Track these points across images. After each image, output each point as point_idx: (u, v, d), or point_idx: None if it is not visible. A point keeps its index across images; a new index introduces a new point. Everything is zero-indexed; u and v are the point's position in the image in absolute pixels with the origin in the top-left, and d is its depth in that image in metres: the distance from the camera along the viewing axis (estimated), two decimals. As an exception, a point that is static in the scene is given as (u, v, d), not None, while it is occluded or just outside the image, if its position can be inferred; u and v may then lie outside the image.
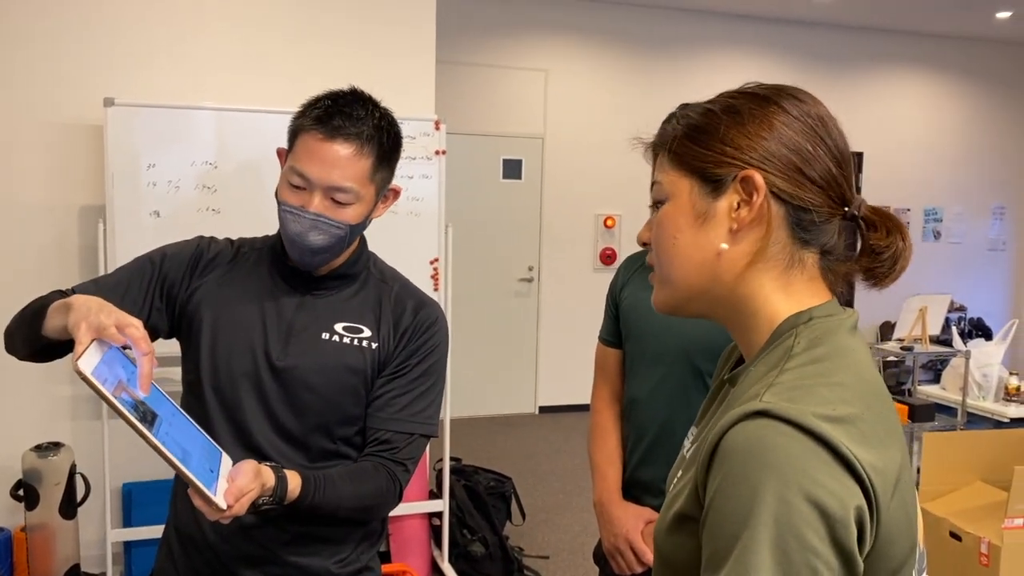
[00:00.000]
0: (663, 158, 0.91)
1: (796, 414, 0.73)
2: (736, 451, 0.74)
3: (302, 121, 1.37)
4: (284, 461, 1.39)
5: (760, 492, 0.71)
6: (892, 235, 0.86)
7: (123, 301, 1.33)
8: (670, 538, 0.84)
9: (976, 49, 7.92)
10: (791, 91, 0.88)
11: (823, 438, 0.73)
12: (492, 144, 6.54)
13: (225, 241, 1.53)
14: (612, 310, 1.89)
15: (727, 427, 0.76)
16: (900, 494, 0.77)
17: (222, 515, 1.14)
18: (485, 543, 3.74)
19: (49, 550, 3.13)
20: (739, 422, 0.76)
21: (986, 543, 2.76)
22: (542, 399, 6.80)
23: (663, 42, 6.89)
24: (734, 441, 0.75)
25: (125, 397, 1.06)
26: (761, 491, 0.71)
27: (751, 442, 0.74)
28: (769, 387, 0.78)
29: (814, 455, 0.72)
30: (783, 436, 0.73)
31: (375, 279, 1.50)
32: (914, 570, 0.82)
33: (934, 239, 7.95)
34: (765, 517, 0.71)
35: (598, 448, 1.86)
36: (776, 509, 0.70)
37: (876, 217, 0.87)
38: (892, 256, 0.86)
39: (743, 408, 0.76)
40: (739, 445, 0.74)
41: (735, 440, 0.75)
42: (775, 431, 0.73)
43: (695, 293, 0.89)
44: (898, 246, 0.86)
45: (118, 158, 3.12)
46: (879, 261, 0.86)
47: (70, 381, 3.41)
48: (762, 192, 0.83)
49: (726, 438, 0.76)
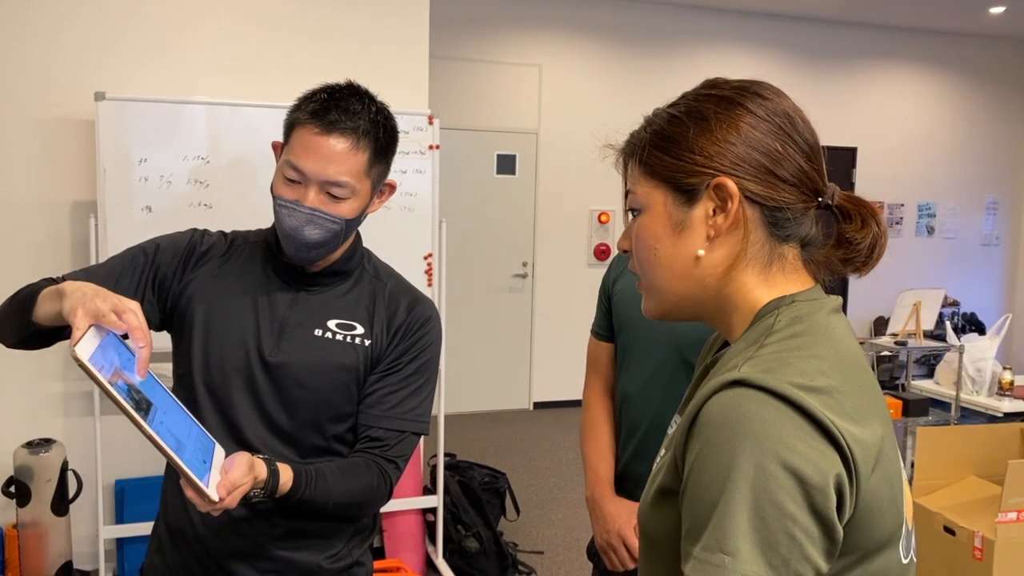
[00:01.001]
0: (634, 167, 0.91)
1: (773, 382, 0.74)
2: (713, 421, 0.75)
3: (298, 115, 1.36)
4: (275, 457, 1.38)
5: (737, 460, 0.72)
6: (867, 225, 0.86)
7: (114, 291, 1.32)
8: (653, 514, 0.85)
9: (970, 45, 7.93)
10: (755, 89, 0.88)
11: (800, 405, 0.73)
12: (486, 139, 6.53)
13: (218, 234, 1.52)
14: (604, 304, 1.88)
15: (705, 398, 0.77)
16: (883, 468, 0.77)
17: (213, 507, 1.13)
18: (479, 538, 3.74)
19: (41, 547, 3.12)
20: (716, 392, 0.76)
21: (980, 537, 2.77)
22: (536, 394, 6.80)
23: (657, 37, 6.88)
24: (711, 411, 0.76)
25: (121, 384, 1.04)
26: (738, 459, 0.72)
27: (728, 411, 0.74)
28: (748, 360, 0.79)
29: (791, 422, 0.72)
30: (759, 404, 0.73)
31: (369, 276, 1.49)
32: (901, 547, 0.82)
33: (928, 234, 7.96)
34: (742, 484, 0.71)
35: (590, 443, 1.86)
36: (753, 476, 0.71)
37: (850, 205, 0.87)
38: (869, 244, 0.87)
39: (720, 379, 0.77)
40: (716, 415, 0.75)
41: (712, 410, 0.76)
42: (751, 399, 0.74)
43: (682, 300, 0.90)
44: (874, 233, 0.86)
45: (110, 153, 3.10)
46: (856, 250, 0.87)
47: (62, 377, 3.39)
48: (736, 198, 0.84)
49: (704, 409, 0.77)
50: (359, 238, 1.50)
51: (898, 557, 0.82)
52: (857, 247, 0.86)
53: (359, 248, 1.50)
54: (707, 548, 0.71)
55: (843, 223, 0.87)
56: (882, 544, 0.78)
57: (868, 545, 0.77)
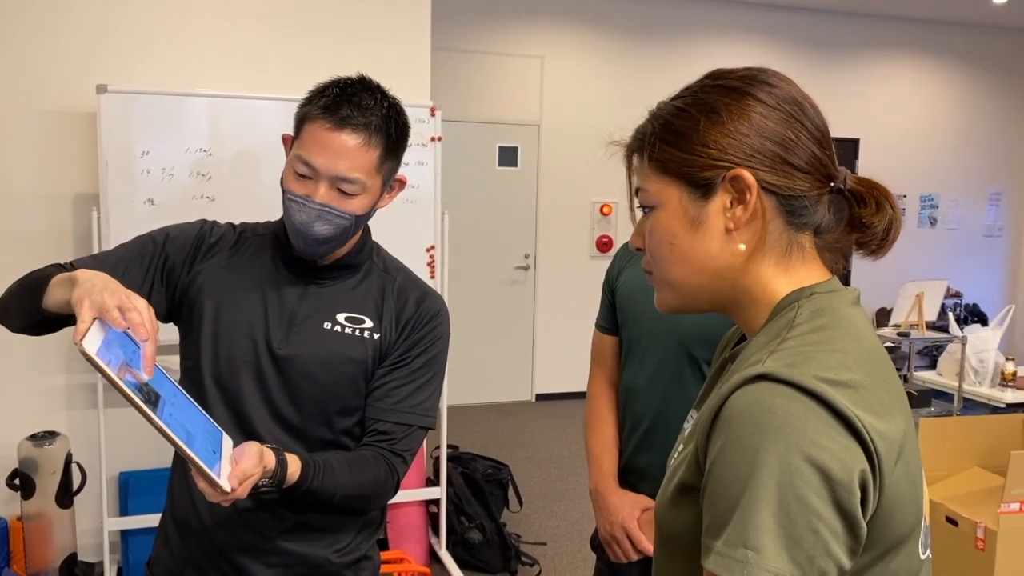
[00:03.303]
0: (644, 164, 0.89)
1: (798, 376, 0.73)
2: (737, 415, 0.74)
3: (309, 109, 1.35)
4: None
5: (761, 455, 0.70)
6: (882, 208, 0.85)
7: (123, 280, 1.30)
8: (671, 511, 0.84)
9: (973, 35, 7.90)
10: (762, 77, 0.86)
11: (825, 400, 0.72)
12: (488, 131, 6.52)
13: (227, 226, 1.51)
14: (608, 297, 1.88)
15: (728, 392, 0.76)
16: (904, 463, 0.76)
17: (226, 497, 1.13)
18: (483, 530, 3.75)
19: (45, 539, 3.13)
20: (740, 387, 0.75)
21: (982, 528, 2.77)
22: (539, 386, 6.81)
23: (659, 28, 6.86)
24: (735, 405, 0.74)
25: (129, 379, 1.04)
26: (762, 454, 0.70)
27: (752, 406, 0.73)
28: (771, 353, 0.78)
29: (816, 417, 0.71)
30: (784, 398, 0.72)
31: (379, 270, 1.49)
32: (919, 544, 0.81)
33: (930, 225, 7.95)
34: (767, 480, 0.70)
35: (594, 435, 1.86)
36: (778, 471, 0.70)
37: (863, 188, 0.86)
38: (885, 227, 0.86)
39: (744, 373, 0.76)
40: (740, 409, 0.74)
41: (736, 404, 0.74)
42: (776, 394, 0.73)
43: (698, 293, 0.88)
44: (890, 215, 0.85)
45: (112, 146, 3.10)
46: (872, 233, 0.86)
47: (66, 370, 3.40)
48: (754, 190, 0.82)
49: (727, 403, 0.75)
50: (368, 232, 1.50)
51: (917, 553, 0.81)
52: (873, 230, 0.85)
53: (368, 242, 1.49)
54: (730, 543, 0.71)
55: (857, 207, 0.86)
56: (902, 539, 0.77)
57: (889, 541, 0.76)
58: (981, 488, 3.01)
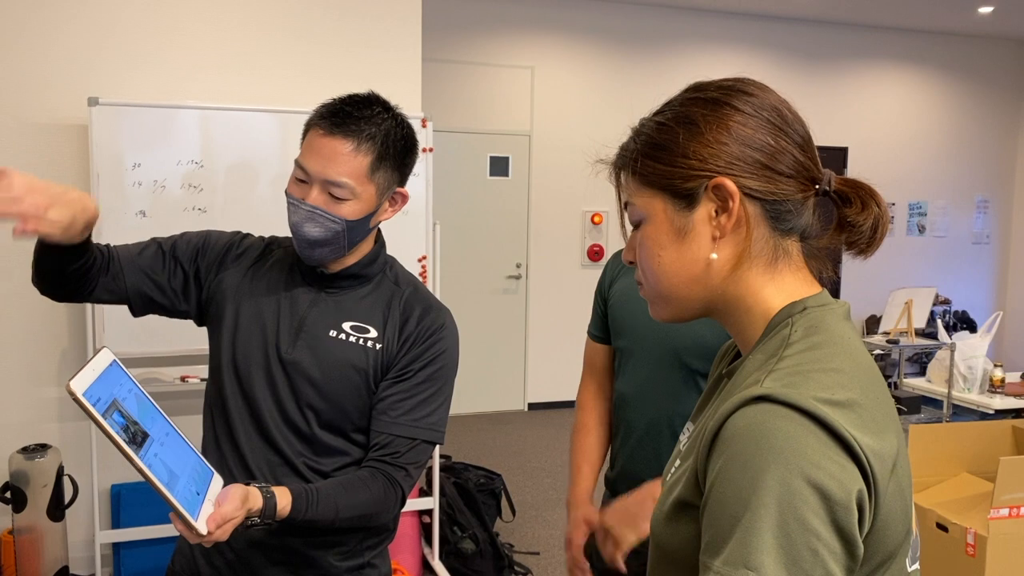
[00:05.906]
0: (629, 180, 0.91)
1: (797, 398, 0.74)
2: (738, 436, 0.75)
3: (311, 117, 1.42)
4: (293, 453, 1.43)
5: (762, 476, 0.71)
6: (868, 206, 0.86)
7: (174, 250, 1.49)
8: (668, 526, 0.85)
9: (959, 44, 7.97)
10: (739, 86, 0.88)
11: (824, 422, 0.73)
12: (479, 141, 6.54)
13: (258, 238, 1.59)
14: (600, 306, 1.89)
15: (728, 413, 0.77)
16: (897, 479, 0.78)
17: (203, 539, 1.15)
18: (475, 540, 3.74)
19: (37, 552, 3.12)
20: (740, 408, 0.76)
21: (972, 534, 2.79)
22: (531, 396, 6.81)
23: (649, 38, 6.90)
24: (735, 426, 0.75)
25: (117, 417, 1.07)
26: (763, 475, 0.71)
27: (753, 427, 0.74)
28: (769, 373, 0.79)
29: (816, 439, 0.72)
30: (785, 420, 0.73)
31: (389, 282, 1.53)
32: (908, 556, 0.82)
33: (919, 233, 8.00)
34: (767, 500, 0.71)
35: (577, 446, 1.87)
36: (778, 492, 0.71)
37: (847, 188, 0.87)
38: (871, 226, 0.87)
39: (744, 394, 0.77)
40: (740, 430, 0.75)
41: (736, 425, 0.75)
42: (777, 415, 0.74)
43: (689, 302, 0.90)
44: (875, 213, 0.86)
45: (103, 158, 3.10)
46: (859, 233, 0.87)
47: (57, 382, 3.39)
48: (736, 197, 0.83)
49: (727, 424, 0.76)
50: (383, 245, 1.54)
51: (905, 566, 0.82)
52: (859, 229, 0.86)
53: (382, 254, 1.53)
54: (729, 562, 0.71)
55: (843, 207, 0.87)
56: (892, 553, 0.79)
57: (880, 557, 0.77)
58: (971, 494, 3.03)
